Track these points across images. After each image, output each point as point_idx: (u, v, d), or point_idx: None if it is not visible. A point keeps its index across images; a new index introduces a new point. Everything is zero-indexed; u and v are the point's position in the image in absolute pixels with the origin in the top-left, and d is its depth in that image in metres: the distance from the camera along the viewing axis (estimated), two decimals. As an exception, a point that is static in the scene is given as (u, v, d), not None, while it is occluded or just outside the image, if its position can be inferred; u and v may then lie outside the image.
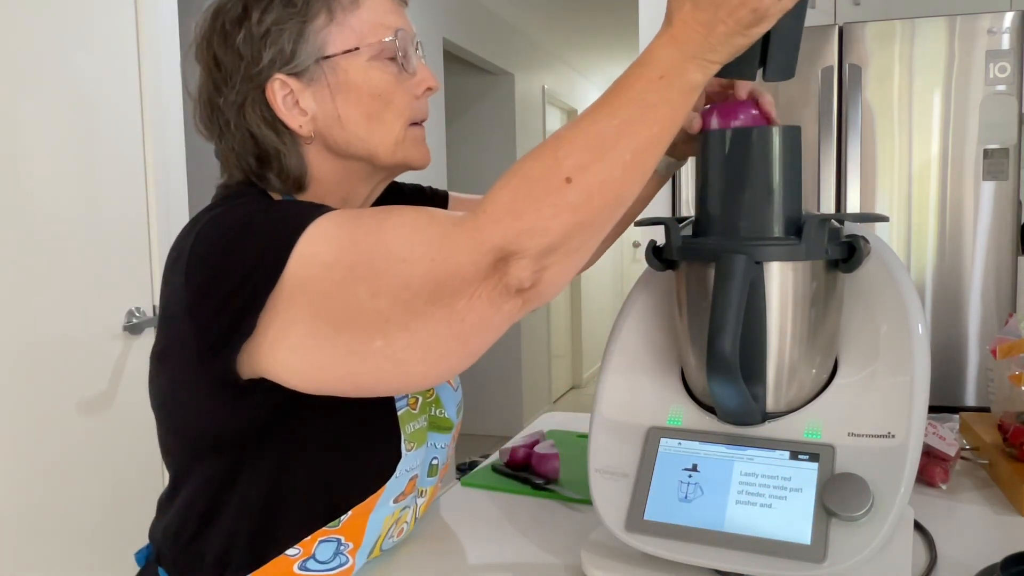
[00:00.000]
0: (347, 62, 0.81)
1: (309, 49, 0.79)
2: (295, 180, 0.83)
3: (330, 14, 0.80)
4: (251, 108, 0.81)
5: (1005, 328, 1.22)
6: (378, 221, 0.68)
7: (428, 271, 0.65)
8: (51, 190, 1.79)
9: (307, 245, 0.67)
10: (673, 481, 0.83)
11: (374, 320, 0.67)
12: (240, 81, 0.80)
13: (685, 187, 2.61)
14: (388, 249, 0.66)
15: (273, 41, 0.79)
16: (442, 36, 3.98)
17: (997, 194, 2.32)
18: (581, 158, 0.63)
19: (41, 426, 1.77)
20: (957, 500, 1.07)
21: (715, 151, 0.82)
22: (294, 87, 0.80)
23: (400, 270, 0.66)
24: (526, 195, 0.64)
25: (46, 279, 1.78)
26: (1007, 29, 2.27)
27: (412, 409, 0.86)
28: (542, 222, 0.64)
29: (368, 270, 0.66)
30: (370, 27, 0.82)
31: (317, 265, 0.67)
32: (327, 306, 0.68)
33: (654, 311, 0.94)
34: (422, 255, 0.66)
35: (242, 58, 0.79)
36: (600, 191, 0.64)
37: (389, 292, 0.66)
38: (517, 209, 0.64)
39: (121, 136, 1.99)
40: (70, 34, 1.84)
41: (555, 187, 0.63)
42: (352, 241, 0.68)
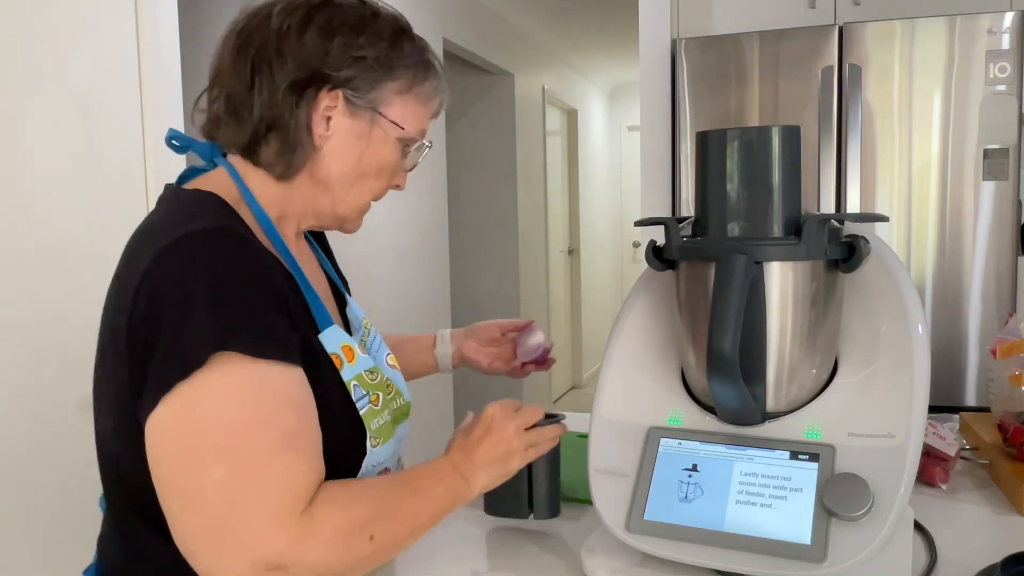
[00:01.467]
0: (386, 127, 0.89)
1: (374, 96, 0.88)
2: (283, 171, 0.88)
3: (409, 88, 0.90)
4: (294, 91, 0.85)
5: (1005, 328, 1.22)
6: (250, 440, 0.73)
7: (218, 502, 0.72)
8: (51, 190, 1.79)
9: (210, 378, 0.72)
10: (673, 481, 0.83)
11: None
12: (310, 68, 0.85)
13: (685, 187, 2.61)
14: (218, 469, 0.72)
15: (359, 68, 0.86)
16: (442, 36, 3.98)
17: (997, 194, 2.32)
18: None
19: (41, 426, 1.77)
20: (957, 500, 1.07)
21: (715, 151, 0.82)
22: (340, 108, 0.86)
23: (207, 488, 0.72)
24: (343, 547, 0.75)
25: (46, 279, 1.78)
26: (1007, 29, 2.27)
27: (374, 406, 0.88)
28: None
29: (212, 452, 0.73)
30: (416, 122, 0.92)
31: (209, 400, 0.73)
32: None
33: (654, 311, 0.94)
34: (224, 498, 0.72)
35: (328, 55, 0.85)
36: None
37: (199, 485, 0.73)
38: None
39: (121, 136, 1.99)
40: (70, 34, 1.84)
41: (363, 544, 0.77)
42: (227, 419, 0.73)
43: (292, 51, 0.85)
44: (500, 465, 0.88)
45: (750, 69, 2.48)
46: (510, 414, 0.90)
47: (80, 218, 1.85)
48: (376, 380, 0.89)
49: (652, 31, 2.76)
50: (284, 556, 0.71)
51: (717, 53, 2.51)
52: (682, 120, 2.57)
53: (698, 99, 2.54)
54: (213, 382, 0.72)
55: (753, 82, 2.47)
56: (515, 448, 0.88)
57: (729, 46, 2.50)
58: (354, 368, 0.86)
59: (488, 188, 4.93)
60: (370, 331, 1.01)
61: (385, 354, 0.99)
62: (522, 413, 0.91)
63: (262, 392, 0.74)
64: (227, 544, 0.71)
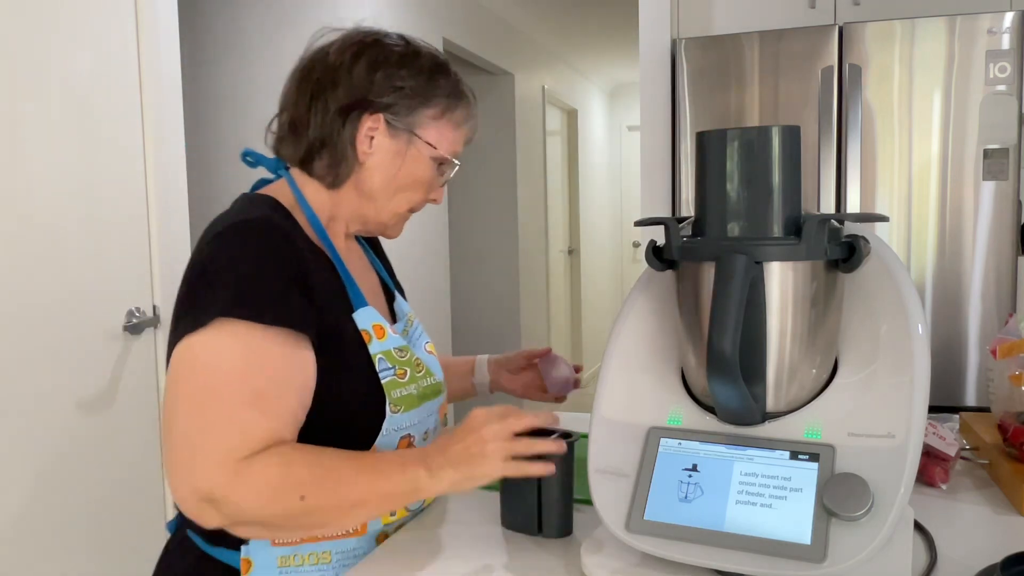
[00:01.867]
0: (420, 147, 1.04)
1: (412, 119, 1.04)
2: (332, 181, 1.05)
3: (443, 114, 1.05)
4: (342, 115, 1.02)
5: (1005, 328, 1.22)
6: (229, 386, 0.88)
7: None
8: (51, 190, 1.79)
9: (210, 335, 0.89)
10: (673, 481, 0.83)
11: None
12: (356, 96, 1.02)
13: (685, 187, 2.61)
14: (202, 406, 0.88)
15: (399, 96, 1.02)
16: (442, 36, 3.98)
17: (997, 194, 2.32)
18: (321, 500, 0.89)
19: (41, 426, 1.77)
20: (957, 500, 1.07)
21: (715, 151, 0.82)
22: (381, 129, 1.03)
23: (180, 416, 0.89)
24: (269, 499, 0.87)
25: (46, 279, 1.78)
26: (1007, 29, 2.27)
27: (399, 378, 1.01)
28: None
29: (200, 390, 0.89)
30: (449, 144, 1.07)
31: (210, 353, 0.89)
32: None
33: (654, 311, 0.94)
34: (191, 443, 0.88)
35: (372, 85, 1.02)
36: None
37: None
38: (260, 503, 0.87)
39: (121, 136, 1.99)
40: (70, 34, 1.84)
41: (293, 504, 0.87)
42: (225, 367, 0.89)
43: (344, 81, 1.02)
44: (470, 466, 0.89)
45: (750, 69, 2.48)
46: (493, 418, 0.92)
47: (80, 218, 1.85)
48: (405, 357, 1.03)
49: (652, 31, 2.76)
50: (216, 492, 0.85)
51: (717, 53, 2.51)
52: (682, 120, 2.57)
53: (698, 99, 2.54)
54: (209, 340, 0.88)
55: (753, 82, 2.47)
56: (490, 452, 0.89)
57: (729, 46, 2.50)
58: (383, 344, 1.00)
59: (488, 188, 4.93)
60: (413, 323, 1.16)
61: (424, 342, 1.15)
62: (508, 420, 0.91)
63: (246, 355, 0.88)
64: (179, 470, 0.87)
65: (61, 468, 1.81)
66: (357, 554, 1.00)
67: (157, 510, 2.09)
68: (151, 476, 2.07)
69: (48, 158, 1.78)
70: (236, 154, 1.09)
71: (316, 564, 0.98)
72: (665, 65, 2.73)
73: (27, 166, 1.73)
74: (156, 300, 2.06)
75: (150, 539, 2.06)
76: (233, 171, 3.58)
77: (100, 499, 1.91)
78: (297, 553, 0.97)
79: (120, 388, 1.97)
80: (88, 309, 1.88)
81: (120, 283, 1.97)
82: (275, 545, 0.96)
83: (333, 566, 0.98)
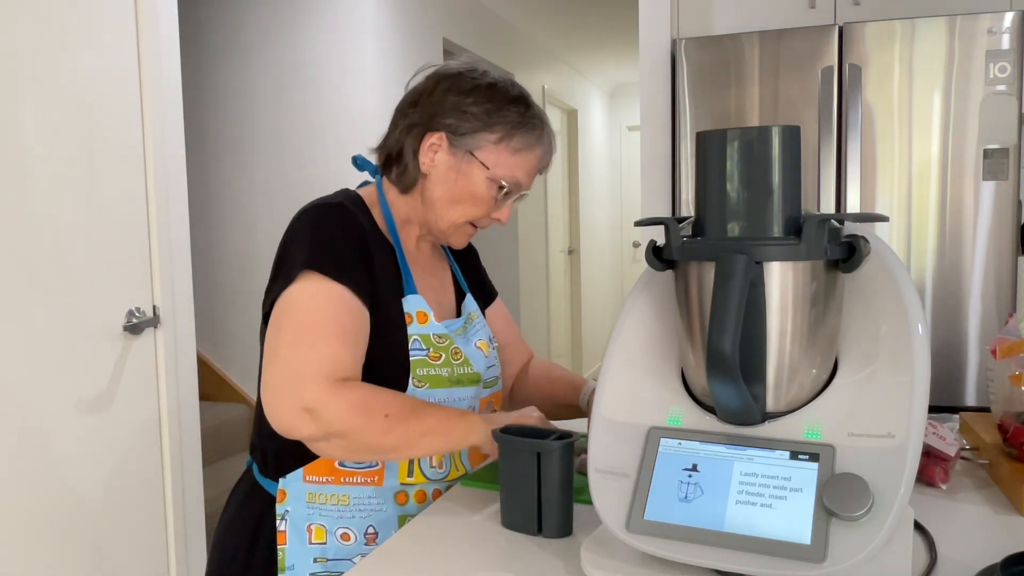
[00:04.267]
0: (477, 167, 1.17)
1: (471, 141, 1.17)
2: (404, 184, 1.21)
3: (500, 139, 1.18)
4: (415, 131, 1.19)
5: (1005, 328, 1.22)
6: (309, 327, 1.08)
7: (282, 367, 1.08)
8: (51, 190, 1.79)
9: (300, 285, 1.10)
10: (673, 481, 0.83)
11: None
12: (427, 115, 1.18)
13: (685, 187, 2.61)
14: (298, 336, 1.08)
15: (463, 119, 1.17)
16: (442, 36, 3.98)
17: (997, 194, 2.32)
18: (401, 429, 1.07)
19: (41, 426, 1.77)
20: (957, 500, 1.07)
21: (715, 151, 0.82)
22: (443, 146, 1.18)
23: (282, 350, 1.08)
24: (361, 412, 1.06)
25: (46, 279, 1.78)
26: (1007, 29, 2.27)
27: (432, 360, 1.16)
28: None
29: (291, 326, 1.09)
30: (506, 169, 1.18)
31: (304, 296, 1.09)
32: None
33: (654, 311, 0.94)
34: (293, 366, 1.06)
35: (442, 107, 1.18)
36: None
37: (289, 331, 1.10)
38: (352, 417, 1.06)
39: (121, 136, 1.99)
40: (70, 34, 1.84)
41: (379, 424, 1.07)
42: (304, 309, 1.09)
43: (423, 103, 1.19)
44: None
45: (750, 69, 2.48)
46: (540, 413, 1.16)
47: (80, 218, 1.85)
48: (444, 344, 1.18)
49: (652, 31, 2.76)
50: (316, 403, 1.02)
51: (717, 53, 2.51)
52: (682, 120, 2.57)
53: (698, 99, 2.54)
54: (301, 289, 1.08)
55: (753, 82, 2.47)
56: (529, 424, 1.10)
57: (729, 46, 2.50)
58: (422, 328, 1.16)
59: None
60: (473, 322, 1.30)
61: (477, 339, 1.26)
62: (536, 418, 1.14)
63: (330, 300, 1.08)
64: (282, 388, 1.05)
65: (61, 468, 1.81)
66: (372, 503, 1.14)
67: (157, 509, 2.09)
68: (151, 476, 2.07)
69: (48, 158, 1.78)
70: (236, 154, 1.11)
71: (336, 504, 1.14)
72: (665, 65, 2.73)
73: (27, 166, 1.73)
74: (156, 300, 2.06)
75: (150, 538, 2.06)
76: (233, 171, 3.58)
77: (100, 499, 1.91)
78: (322, 492, 1.14)
79: (120, 388, 1.97)
80: (88, 309, 1.88)
81: (120, 283, 1.97)
82: (306, 482, 1.14)
83: (350, 508, 1.14)
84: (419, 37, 3.75)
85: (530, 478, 0.99)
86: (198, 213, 3.38)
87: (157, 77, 2.08)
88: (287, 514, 1.14)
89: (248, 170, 3.51)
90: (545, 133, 1.21)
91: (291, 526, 1.14)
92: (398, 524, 1.15)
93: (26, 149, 1.73)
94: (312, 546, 1.14)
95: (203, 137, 3.54)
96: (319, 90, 3.39)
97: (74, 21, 1.84)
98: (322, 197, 1.20)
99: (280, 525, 1.15)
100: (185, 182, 2.22)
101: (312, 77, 3.40)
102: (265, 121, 3.45)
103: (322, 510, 1.14)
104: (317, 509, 1.14)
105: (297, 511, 1.14)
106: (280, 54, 3.44)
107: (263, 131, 3.45)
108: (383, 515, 1.15)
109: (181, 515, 2.14)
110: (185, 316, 2.16)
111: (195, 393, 2.22)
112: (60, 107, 1.81)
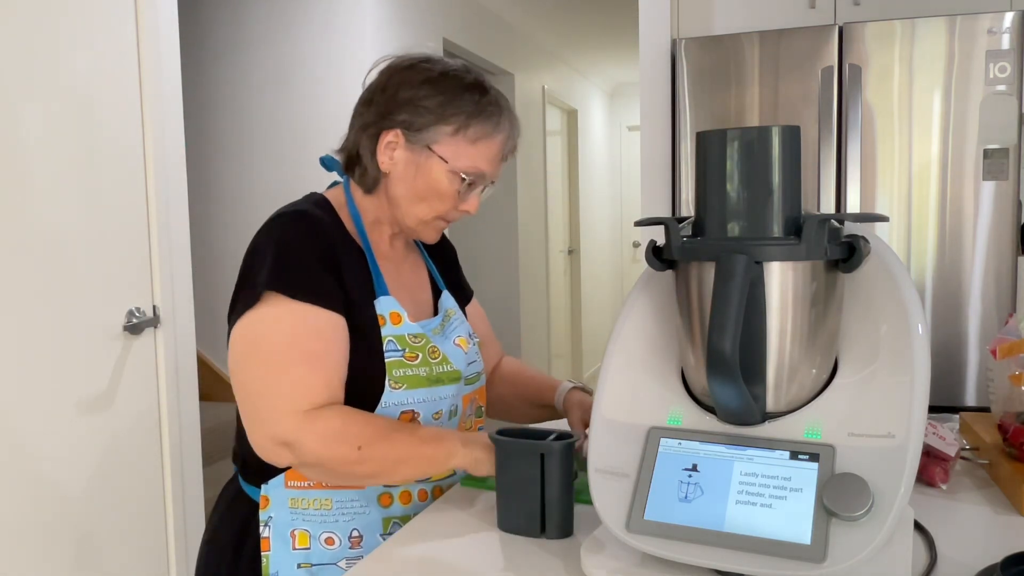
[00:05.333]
0: (436, 161, 1.13)
1: (428, 136, 1.13)
2: (366, 187, 1.18)
3: (456, 131, 1.13)
4: (369, 130, 1.16)
5: (1005, 328, 1.22)
6: (273, 353, 1.06)
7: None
8: (51, 190, 1.79)
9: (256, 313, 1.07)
10: (673, 481, 0.83)
11: None
12: (378, 114, 1.15)
13: (685, 187, 2.61)
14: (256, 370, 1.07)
15: (414, 110, 1.13)
16: (442, 36, 3.98)
17: (997, 194, 2.32)
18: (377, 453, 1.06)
19: (41, 426, 1.77)
20: (957, 500, 1.07)
21: (715, 151, 0.82)
22: (399, 143, 1.14)
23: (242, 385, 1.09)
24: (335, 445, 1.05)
25: (46, 279, 1.78)
26: (1007, 29, 2.27)
27: (409, 360, 1.13)
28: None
29: (250, 359, 1.08)
30: (466, 160, 1.14)
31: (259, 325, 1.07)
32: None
33: (654, 311, 0.94)
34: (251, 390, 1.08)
35: (393, 102, 1.14)
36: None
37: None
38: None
39: (121, 136, 1.99)
40: (70, 34, 1.84)
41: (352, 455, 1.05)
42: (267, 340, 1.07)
43: (376, 101, 1.16)
44: (491, 459, 1.06)
45: (750, 69, 2.48)
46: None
47: (80, 218, 1.85)
48: (420, 343, 1.15)
49: (652, 31, 2.76)
50: (288, 437, 1.02)
51: (717, 53, 2.51)
52: (682, 120, 2.57)
53: (698, 99, 2.54)
54: (263, 315, 1.06)
55: (753, 82, 2.47)
56: None
57: (729, 46, 2.50)
58: (396, 329, 1.13)
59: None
60: (451, 319, 1.27)
61: (455, 336, 1.23)
62: None
63: (294, 324, 1.05)
64: (257, 422, 1.05)
65: (61, 468, 1.81)
66: (356, 506, 1.13)
67: (157, 509, 2.09)
68: (151, 476, 2.07)
69: (48, 158, 1.78)
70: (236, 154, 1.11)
71: (319, 509, 1.12)
72: (665, 65, 2.73)
73: (27, 166, 1.73)
74: (156, 300, 2.06)
75: (149, 538, 2.06)
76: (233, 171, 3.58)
77: (99, 499, 1.91)
78: (305, 497, 1.12)
79: (120, 388, 1.97)
80: (88, 309, 1.88)
81: (120, 283, 1.97)
82: (288, 488, 1.12)
83: (334, 513, 1.12)
84: (419, 37, 3.75)
85: (533, 479, 0.99)
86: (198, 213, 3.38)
87: (157, 77, 2.08)
88: (270, 520, 1.12)
89: (248, 170, 3.51)
90: (504, 118, 1.16)
91: (274, 532, 1.12)
92: (383, 527, 1.14)
93: (26, 149, 1.73)
94: (296, 551, 1.12)
95: (203, 137, 3.54)
96: (319, 90, 3.40)
97: (74, 21, 1.84)
98: (288, 205, 1.17)
99: (263, 532, 1.12)
100: (185, 182, 2.22)
101: (312, 77, 3.41)
102: (265, 121, 3.45)
103: (305, 515, 1.12)
104: (300, 514, 1.12)
105: (280, 517, 1.12)
106: (280, 54, 3.44)
107: (263, 131, 3.45)
108: (367, 518, 1.13)
109: (181, 515, 2.14)
110: (185, 316, 2.16)
111: (195, 393, 2.22)
112: (60, 107, 1.81)
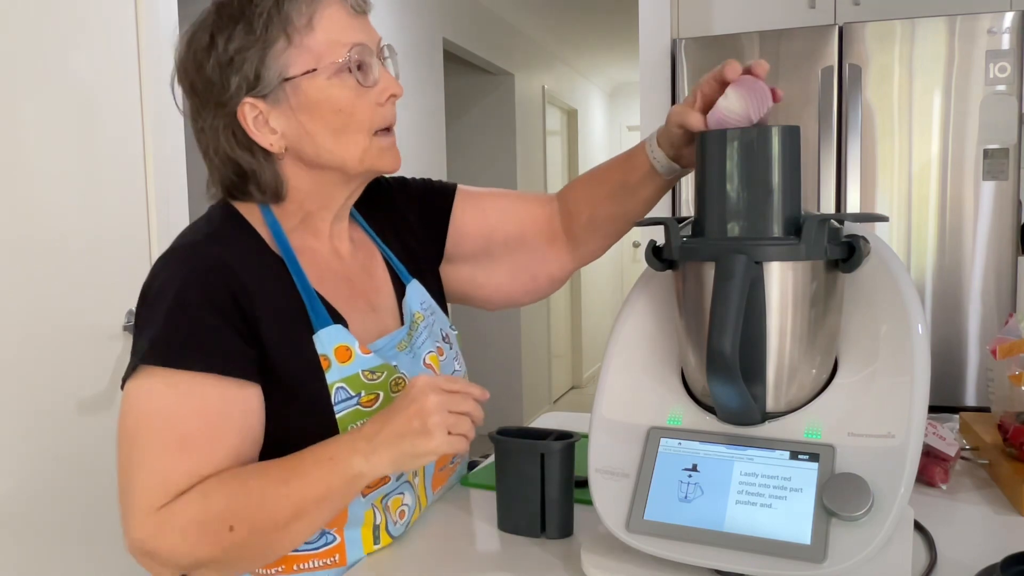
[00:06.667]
0: (307, 82, 0.88)
1: (272, 73, 0.87)
2: (273, 193, 0.93)
3: (288, 38, 0.87)
4: (226, 131, 0.90)
5: (1005, 328, 1.22)
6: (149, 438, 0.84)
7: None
8: (51, 190, 1.79)
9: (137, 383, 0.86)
10: (673, 481, 0.83)
11: None
12: (214, 107, 0.89)
13: (685, 187, 2.61)
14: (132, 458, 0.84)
15: (238, 68, 0.87)
16: (442, 36, 3.98)
17: (997, 194, 2.32)
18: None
19: (41, 426, 1.77)
20: (957, 500, 1.07)
21: (715, 151, 0.82)
22: (263, 108, 0.88)
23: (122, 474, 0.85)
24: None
25: (46, 279, 1.78)
26: (1007, 29, 2.27)
27: (365, 407, 0.91)
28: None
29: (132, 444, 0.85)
30: (327, 47, 0.88)
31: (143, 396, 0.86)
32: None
33: (654, 311, 0.94)
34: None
35: (213, 84, 0.88)
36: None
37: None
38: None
39: (121, 136, 1.99)
40: (70, 34, 1.84)
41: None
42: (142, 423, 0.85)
43: (201, 95, 0.90)
44: (412, 443, 0.80)
45: (750, 69, 2.48)
46: (436, 388, 0.82)
47: (80, 218, 1.85)
48: (378, 379, 0.92)
49: (652, 31, 2.76)
50: (147, 544, 0.82)
51: (717, 53, 2.51)
52: (682, 120, 2.57)
53: (698, 99, 2.54)
54: (136, 389, 0.85)
55: (753, 82, 2.47)
56: (432, 426, 0.80)
57: (729, 46, 2.50)
58: (346, 369, 0.90)
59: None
60: (419, 326, 1.03)
61: (426, 352, 1.02)
62: (451, 391, 0.82)
63: (175, 400, 0.83)
64: (124, 520, 0.84)
65: (60, 468, 1.81)
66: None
67: (157, 510, 2.09)
68: (151, 476, 2.07)
69: (48, 158, 1.78)
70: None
71: None
72: (665, 65, 2.73)
73: (27, 166, 1.73)
74: (156, 300, 2.06)
75: (150, 539, 2.05)
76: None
77: (99, 499, 1.91)
78: None
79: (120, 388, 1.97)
80: (88, 309, 1.88)
81: (120, 283, 1.97)
82: None
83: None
84: (419, 37, 3.75)
85: (532, 479, 0.99)
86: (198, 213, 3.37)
87: (157, 77, 2.08)
88: None
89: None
90: None
91: None
92: None
93: (26, 149, 1.73)
94: None
95: (203, 137, 3.54)
96: (319, 90, 3.39)
97: (74, 21, 1.84)
98: (186, 230, 0.93)
99: None
100: (185, 182, 2.22)
101: (312, 77, 3.40)
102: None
103: None
104: None
105: None
106: (280, 54, 3.44)
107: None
108: None
109: (181, 515, 2.14)
110: (185, 316, 2.16)
111: (195, 393, 2.22)
112: (60, 106, 1.81)
